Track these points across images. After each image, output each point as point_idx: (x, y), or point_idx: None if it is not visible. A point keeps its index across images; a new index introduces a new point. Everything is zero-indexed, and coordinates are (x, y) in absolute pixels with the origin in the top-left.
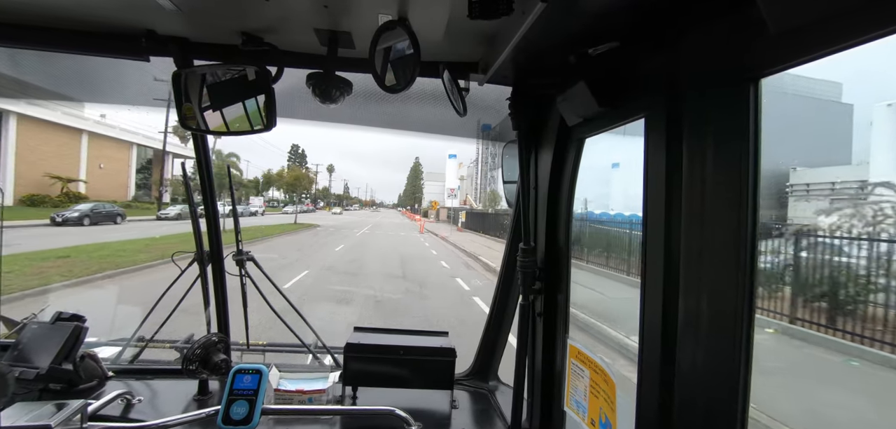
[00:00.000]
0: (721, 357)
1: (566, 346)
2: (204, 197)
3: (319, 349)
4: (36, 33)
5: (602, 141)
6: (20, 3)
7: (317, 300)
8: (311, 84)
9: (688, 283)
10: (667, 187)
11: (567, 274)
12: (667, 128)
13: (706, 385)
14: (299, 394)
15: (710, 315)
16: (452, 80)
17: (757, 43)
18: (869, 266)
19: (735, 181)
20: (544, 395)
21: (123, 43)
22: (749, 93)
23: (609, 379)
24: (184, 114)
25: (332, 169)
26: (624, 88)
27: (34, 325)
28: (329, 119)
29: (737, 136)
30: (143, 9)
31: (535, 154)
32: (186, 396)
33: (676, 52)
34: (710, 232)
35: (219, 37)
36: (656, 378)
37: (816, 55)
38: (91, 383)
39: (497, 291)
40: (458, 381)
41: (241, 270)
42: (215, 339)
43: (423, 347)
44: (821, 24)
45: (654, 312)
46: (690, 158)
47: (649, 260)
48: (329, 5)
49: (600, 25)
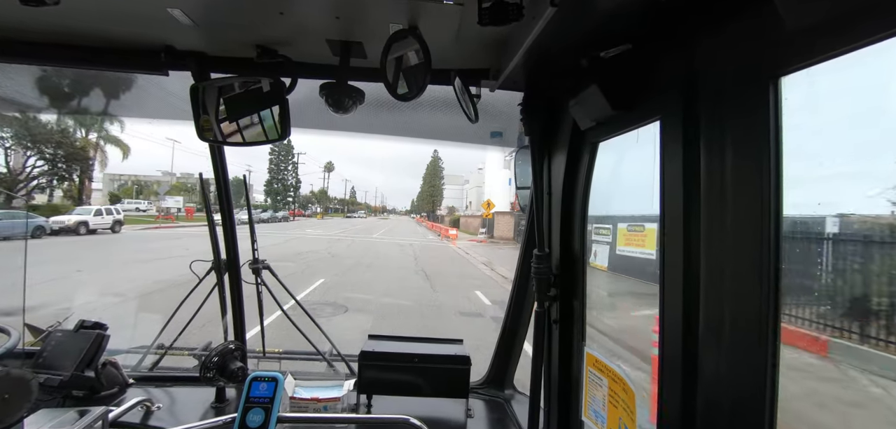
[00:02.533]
0: (746, 364)
1: (583, 354)
2: (220, 207)
3: (334, 357)
4: (61, 50)
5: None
6: (46, 23)
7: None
8: (324, 94)
9: (709, 288)
10: (684, 190)
11: (583, 280)
12: (683, 130)
13: (731, 393)
14: (314, 402)
15: (733, 322)
16: (463, 87)
17: (775, 41)
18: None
19: (756, 183)
20: (561, 404)
21: (144, 59)
22: (769, 92)
23: (628, 388)
24: (201, 126)
25: (332, 168)
26: (638, 91)
27: (58, 332)
28: (342, 128)
29: (757, 137)
30: (163, 25)
31: (548, 159)
32: (204, 403)
33: (691, 53)
34: (732, 236)
35: (234, 50)
36: (678, 387)
37: (839, 52)
38: (112, 390)
39: (511, 298)
40: (473, 389)
41: (258, 278)
42: (232, 347)
43: (437, 355)
44: (842, 19)
45: (674, 318)
46: (709, 161)
47: (668, 265)
48: (341, 16)
49: (612, 28)
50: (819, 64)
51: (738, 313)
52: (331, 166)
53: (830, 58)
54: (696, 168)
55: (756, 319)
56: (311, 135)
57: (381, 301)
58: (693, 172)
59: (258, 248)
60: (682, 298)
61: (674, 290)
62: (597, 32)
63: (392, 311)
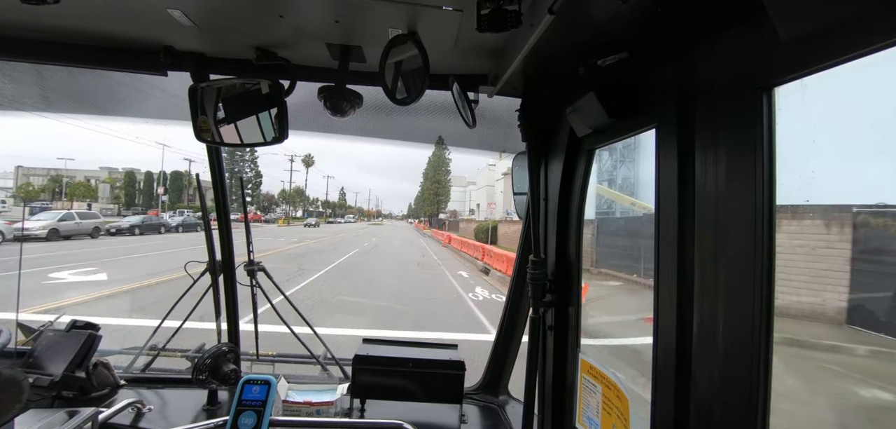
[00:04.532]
0: (739, 368)
1: (577, 360)
2: (217, 208)
3: (328, 361)
4: (61, 49)
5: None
6: (45, 22)
7: None
8: (323, 97)
9: (703, 293)
10: (679, 196)
11: (578, 286)
12: (678, 137)
13: (724, 397)
14: (307, 405)
15: (727, 326)
16: (462, 93)
17: (768, 51)
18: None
19: (750, 189)
20: (555, 411)
21: (143, 59)
22: (762, 102)
23: (622, 395)
24: (199, 126)
25: (311, 162)
26: (634, 98)
27: (50, 332)
28: (340, 131)
29: (750, 145)
30: (163, 26)
31: (545, 165)
32: (196, 405)
33: (687, 61)
34: (725, 241)
35: (234, 52)
36: (671, 391)
37: (831, 63)
38: (103, 391)
39: (507, 303)
40: (467, 395)
41: (252, 280)
42: (225, 349)
43: (432, 359)
44: (833, 31)
45: (668, 323)
46: (704, 167)
47: (662, 269)
48: (341, 20)
49: (609, 36)
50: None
51: (731, 320)
52: (310, 160)
53: (824, 68)
54: (691, 175)
55: (749, 326)
56: (306, 137)
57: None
58: (688, 178)
59: (253, 250)
60: (676, 304)
61: (668, 296)
62: (594, 40)
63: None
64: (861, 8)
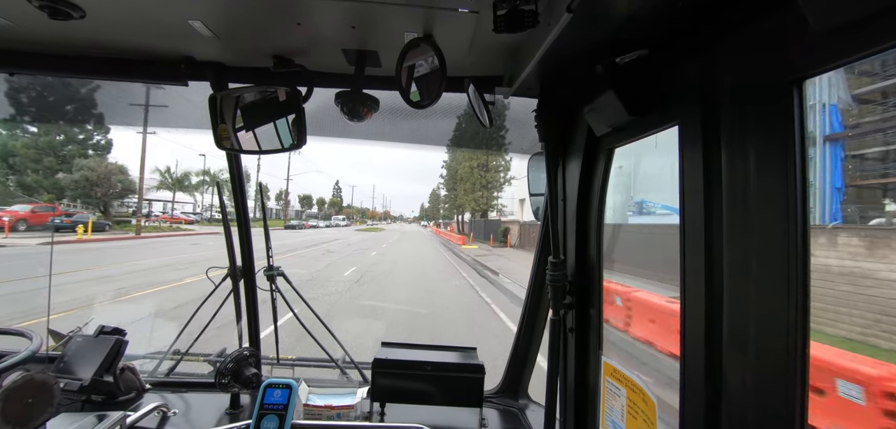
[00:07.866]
0: (774, 375)
1: (600, 363)
2: (237, 214)
3: (347, 364)
4: (86, 62)
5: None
6: (72, 36)
7: None
8: (340, 102)
9: (733, 297)
10: (705, 197)
11: (599, 288)
12: (703, 135)
13: (758, 406)
14: (328, 409)
15: (759, 333)
16: (478, 94)
17: (798, 43)
18: None
19: (781, 188)
20: (578, 415)
21: (165, 70)
22: (792, 95)
23: (648, 399)
24: (219, 135)
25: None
26: (655, 96)
27: (79, 338)
28: (357, 135)
29: (781, 140)
30: (184, 37)
31: (563, 165)
32: (219, 409)
33: (710, 57)
34: (756, 243)
35: (252, 60)
36: (701, 399)
37: (863, 54)
38: (130, 395)
39: (525, 305)
40: (487, 398)
41: (272, 285)
42: (247, 353)
43: (451, 363)
44: (867, 21)
45: (696, 328)
46: (731, 166)
47: (689, 274)
48: (357, 26)
49: (627, 33)
50: (844, 66)
51: (764, 324)
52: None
53: (855, 60)
54: (718, 174)
55: (784, 330)
56: (326, 142)
57: None
58: (714, 177)
59: (273, 254)
60: (704, 309)
61: (696, 300)
62: (612, 38)
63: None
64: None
